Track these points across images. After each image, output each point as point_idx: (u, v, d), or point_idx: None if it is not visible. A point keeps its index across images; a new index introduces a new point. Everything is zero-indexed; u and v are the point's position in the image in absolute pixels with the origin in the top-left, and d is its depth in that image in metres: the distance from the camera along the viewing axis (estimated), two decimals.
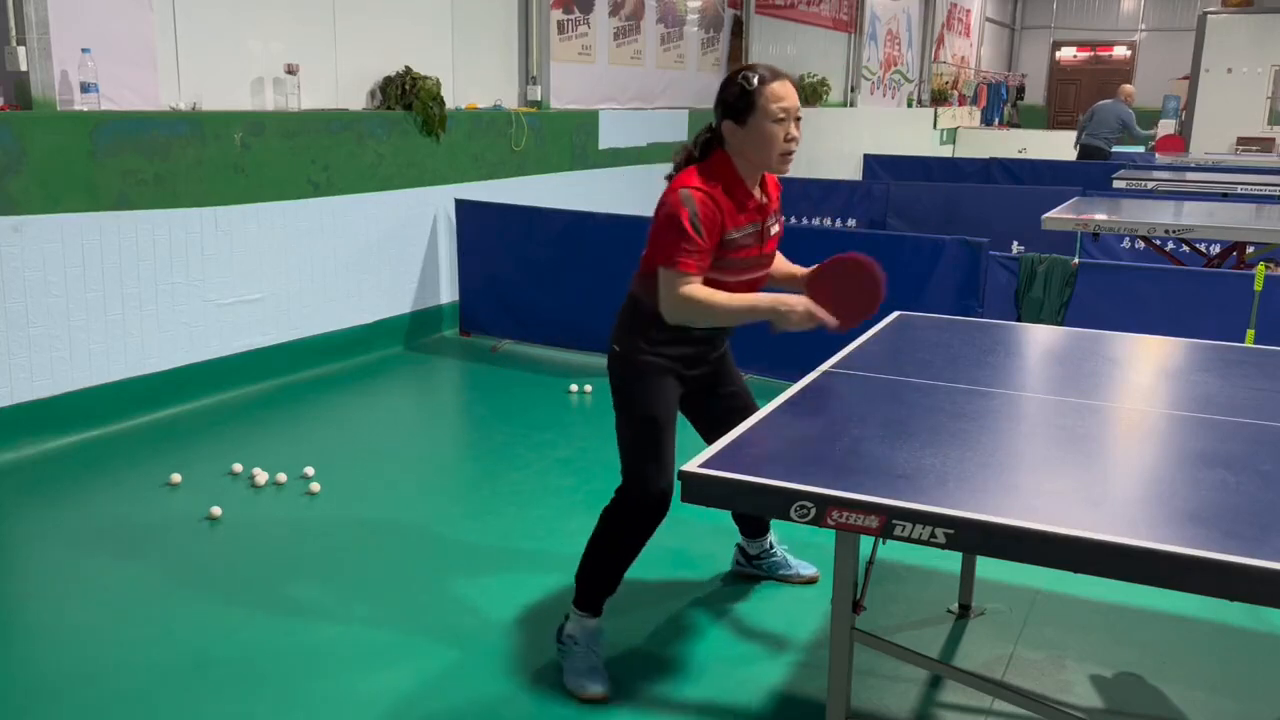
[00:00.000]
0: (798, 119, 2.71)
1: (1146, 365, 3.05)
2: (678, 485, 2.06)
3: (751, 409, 2.90)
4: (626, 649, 3.06)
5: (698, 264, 2.66)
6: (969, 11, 20.98)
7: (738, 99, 2.68)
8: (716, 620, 3.24)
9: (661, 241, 2.68)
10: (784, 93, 2.68)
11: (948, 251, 5.21)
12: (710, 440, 3.03)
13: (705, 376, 2.97)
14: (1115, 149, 12.87)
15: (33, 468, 4.42)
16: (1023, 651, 3.07)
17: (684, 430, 2.93)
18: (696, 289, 2.67)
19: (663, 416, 2.81)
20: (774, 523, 3.50)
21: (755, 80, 2.66)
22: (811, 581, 3.47)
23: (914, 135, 16.66)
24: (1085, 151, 12.88)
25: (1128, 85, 13.02)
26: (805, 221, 9.17)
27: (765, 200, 2.82)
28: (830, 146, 12.90)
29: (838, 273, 2.91)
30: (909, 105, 17.38)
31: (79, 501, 4.10)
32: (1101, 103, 12.89)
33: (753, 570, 3.51)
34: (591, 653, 2.87)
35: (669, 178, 2.79)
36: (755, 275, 2.86)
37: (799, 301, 2.74)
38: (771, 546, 3.48)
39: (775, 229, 2.90)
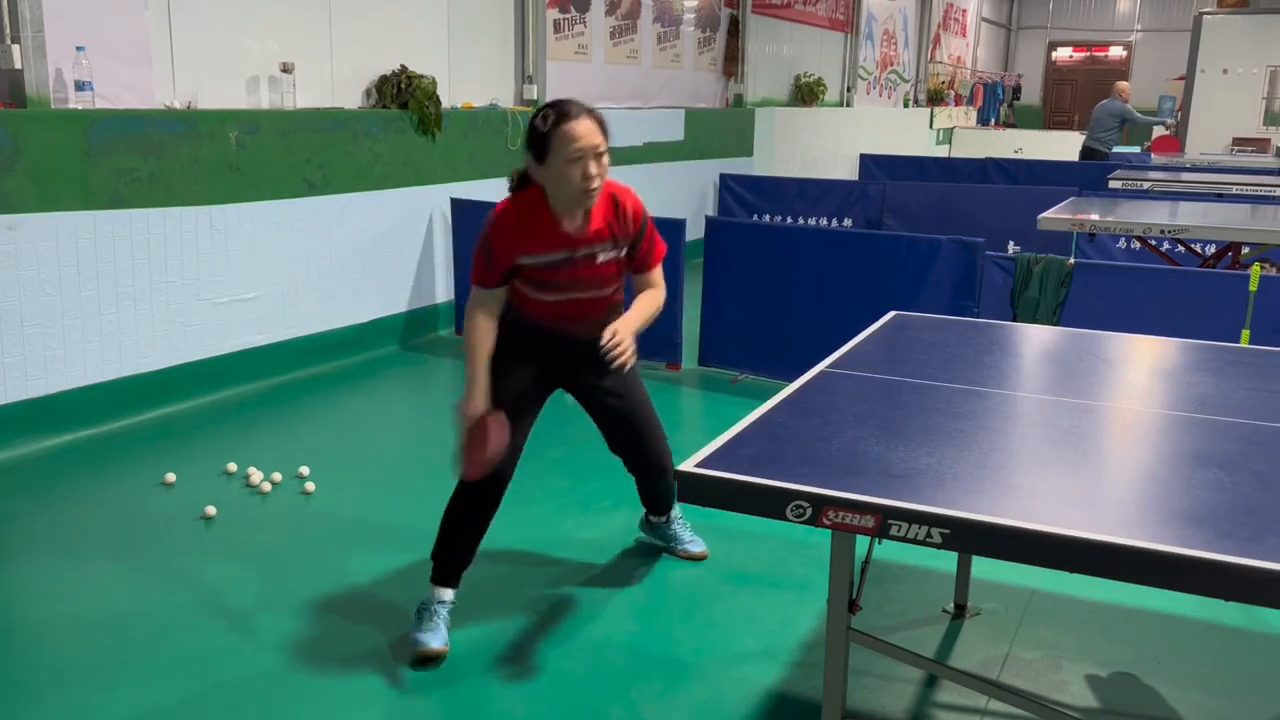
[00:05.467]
0: (600, 155, 2.80)
1: (1142, 365, 3.05)
2: (676, 485, 2.06)
3: (640, 410, 3.26)
4: (621, 648, 3.06)
5: (483, 279, 2.95)
6: (965, 11, 21.00)
7: (536, 139, 2.80)
8: (712, 620, 3.24)
9: (473, 264, 2.99)
10: (580, 132, 2.75)
11: (944, 251, 5.21)
12: (608, 441, 3.32)
13: (586, 372, 3.13)
14: (1116, 149, 12.89)
15: (27, 467, 4.41)
16: (1018, 651, 3.07)
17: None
18: (477, 310, 2.96)
19: (505, 400, 2.99)
20: (776, 524, 3.49)
21: (550, 121, 2.75)
22: (699, 559, 3.60)
23: (910, 135, 16.66)
24: (1085, 153, 12.95)
25: (1122, 83, 13.05)
26: (801, 221, 9.18)
27: (582, 230, 2.93)
28: (826, 146, 12.90)
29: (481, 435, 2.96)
30: (905, 105, 17.39)
31: (73, 501, 4.09)
32: (1099, 104, 12.95)
33: (650, 537, 3.69)
34: (439, 615, 3.01)
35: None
36: (575, 296, 3.02)
37: (473, 407, 2.92)
38: (669, 520, 3.62)
39: (602, 257, 3.00)
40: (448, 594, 3.06)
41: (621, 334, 2.87)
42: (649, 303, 3.09)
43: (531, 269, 2.94)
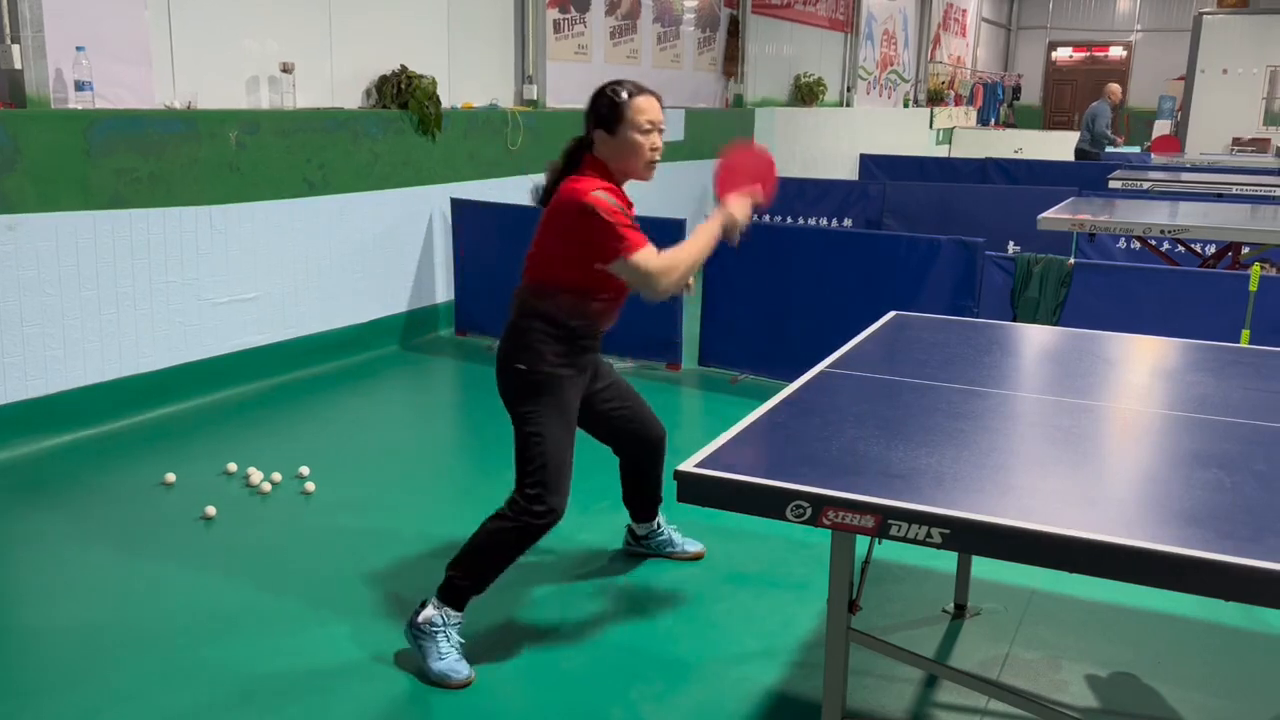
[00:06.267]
0: (661, 130, 2.96)
1: (1142, 365, 3.05)
2: (674, 485, 2.05)
3: (633, 391, 3.32)
4: (621, 648, 3.06)
5: (643, 237, 2.83)
6: (965, 11, 21.00)
7: (608, 110, 2.90)
8: (711, 620, 3.24)
9: (599, 240, 2.80)
10: (648, 106, 2.93)
11: (944, 251, 5.21)
12: (607, 435, 3.32)
13: (592, 377, 3.14)
14: (1111, 150, 12.90)
15: (27, 467, 4.41)
16: (1018, 651, 3.07)
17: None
18: (659, 257, 2.83)
19: (570, 434, 2.97)
20: (776, 524, 3.49)
21: (624, 94, 2.91)
22: (698, 558, 3.61)
23: (910, 135, 16.66)
24: (1078, 154, 12.98)
25: (1112, 84, 13.06)
26: (801, 221, 9.18)
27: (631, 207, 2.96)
28: (826, 146, 12.90)
29: (731, 168, 3.12)
30: (905, 105, 17.39)
31: (73, 501, 4.09)
32: (1090, 106, 12.98)
33: (640, 549, 3.64)
34: (455, 640, 2.91)
35: (544, 190, 3.01)
36: (612, 291, 2.98)
37: (724, 208, 2.99)
38: (659, 527, 3.61)
39: None
40: (460, 615, 2.97)
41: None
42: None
43: None
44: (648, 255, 2.80)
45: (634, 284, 2.88)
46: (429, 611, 2.91)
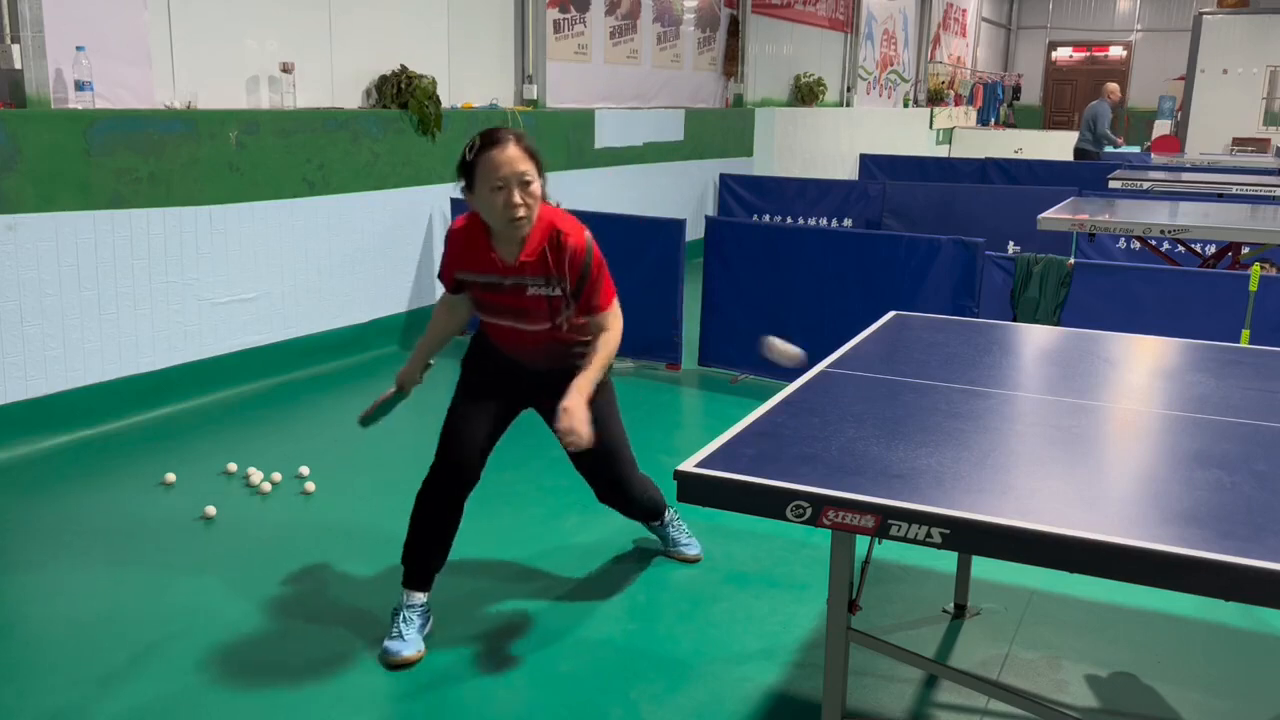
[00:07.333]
0: (526, 183, 2.79)
1: (1142, 365, 3.05)
2: (674, 485, 2.05)
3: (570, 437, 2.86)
4: (621, 648, 3.06)
5: (441, 278, 3.13)
6: (965, 11, 21.00)
7: (462, 168, 2.86)
8: (711, 620, 3.24)
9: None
10: (500, 160, 2.76)
11: (944, 251, 5.21)
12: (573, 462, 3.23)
13: (533, 396, 3.17)
14: (1110, 149, 12.89)
15: (27, 467, 4.41)
16: (1018, 651, 3.07)
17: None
18: (439, 304, 3.19)
19: (468, 404, 3.12)
20: (776, 524, 3.49)
21: (473, 152, 2.81)
22: (694, 561, 3.60)
23: (910, 135, 16.66)
24: (1077, 154, 12.97)
25: (1111, 84, 13.06)
26: (801, 221, 9.18)
27: (513, 258, 2.90)
28: (826, 146, 12.90)
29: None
30: (905, 105, 17.39)
31: (73, 501, 4.09)
32: (1089, 105, 12.97)
33: (648, 531, 3.68)
34: (412, 620, 3.02)
35: None
36: (515, 325, 3.01)
37: (403, 373, 3.28)
38: (664, 523, 3.61)
39: (532, 290, 2.93)
40: (419, 598, 3.06)
41: (572, 411, 2.78)
42: (600, 354, 2.97)
43: (472, 286, 3.01)
44: (441, 289, 3.15)
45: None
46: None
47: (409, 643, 2.97)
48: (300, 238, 5.76)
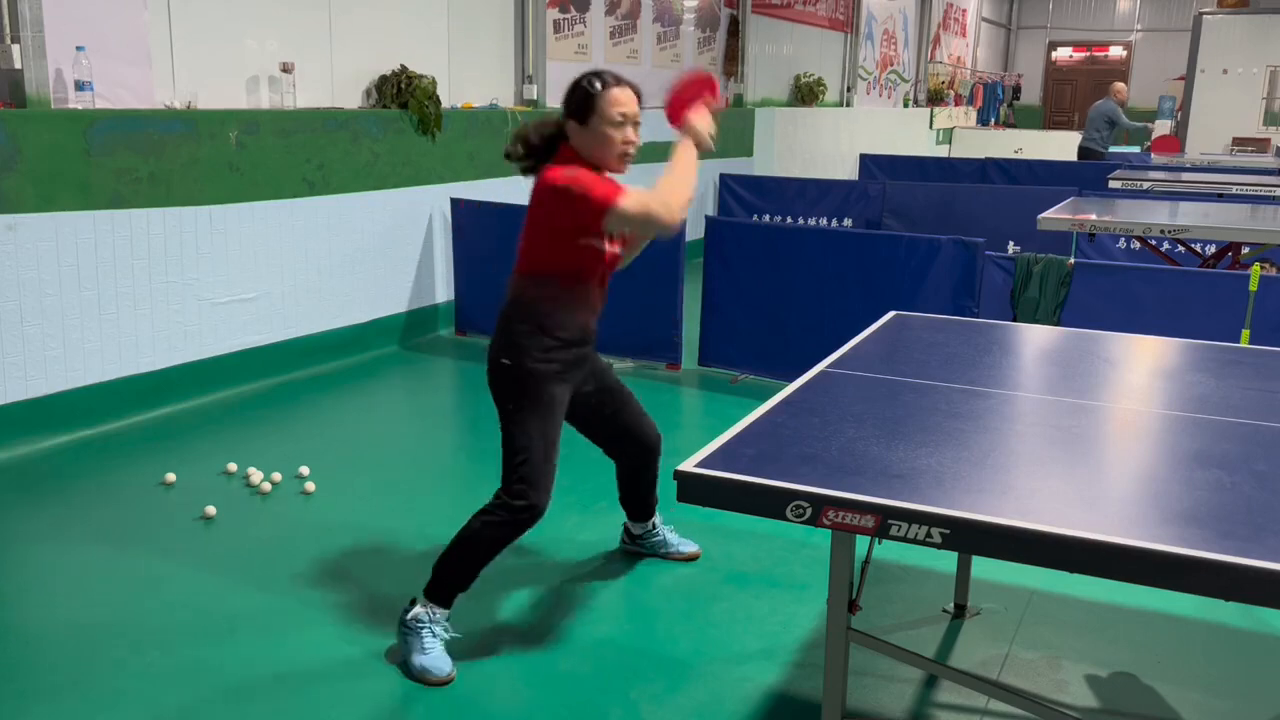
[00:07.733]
0: (636, 124, 2.91)
1: (1142, 365, 3.05)
2: (674, 485, 2.05)
3: (629, 395, 3.28)
4: (621, 648, 3.06)
5: (620, 185, 2.80)
6: (965, 11, 21.00)
7: (581, 101, 2.87)
8: (711, 620, 3.24)
9: (581, 209, 2.77)
10: (623, 99, 2.88)
11: (944, 251, 5.21)
12: (603, 439, 3.31)
13: (585, 379, 3.12)
14: (1113, 149, 12.89)
15: (27, 467, 4.41)
16: (1018, 651, 3.07)
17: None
18: (648, 192, 2.77)
19: (555, 432, 2.94)
20: (776, 524, 3.50)
21: (599, 85, 2.87)
22: (693, 558, 3.60)
23: (910, 135, 16.66)
24: (1081, 153, 12.95)
25: (1118, 83, 13.05)
26: (801, 221, 9.18)
27: None
28: (826, 146, 12.90)
29: (678, 96, 3.10)
30: (905, 105, 17.39)
31: (73, 501, 4.09)
32: (1094, 104, 12.96)
33: (636, 549, 3.64)
34: (441, 636, 2.93)
35: (512, 153, 2.97)
36: (604, 272, 3.00)
37: (687, 125, 2.99)
38: (654, 527, 3.61)
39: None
40: (447, 612, 3.00)
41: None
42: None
43: (600, 235, 2.89)
44: (634, 195, 2.77)
45: (638, 227, 2.88)
46: (417, 609, 2.94)
47: (447, 658, 2.90)
48: (300, 238, 5.76)
